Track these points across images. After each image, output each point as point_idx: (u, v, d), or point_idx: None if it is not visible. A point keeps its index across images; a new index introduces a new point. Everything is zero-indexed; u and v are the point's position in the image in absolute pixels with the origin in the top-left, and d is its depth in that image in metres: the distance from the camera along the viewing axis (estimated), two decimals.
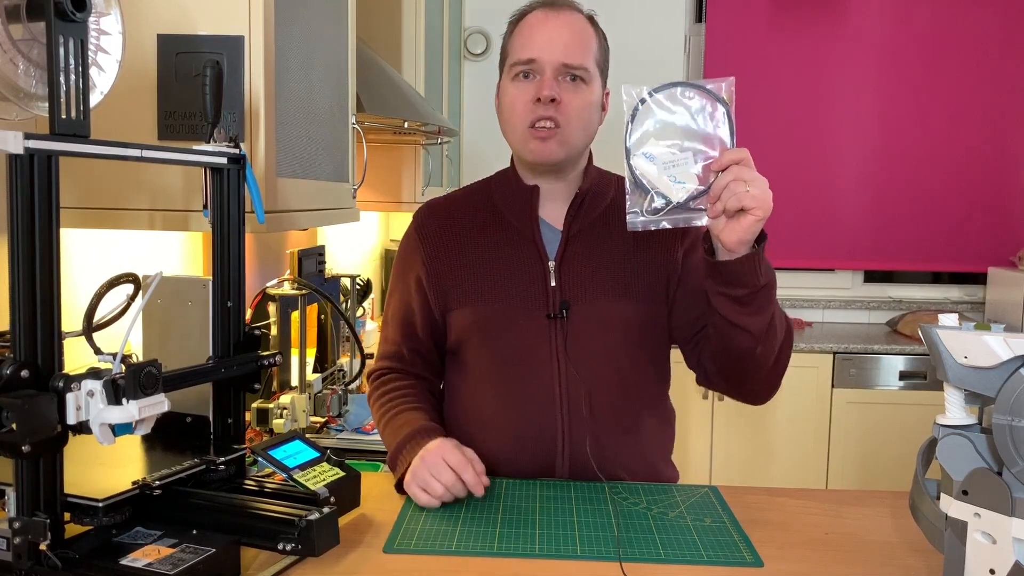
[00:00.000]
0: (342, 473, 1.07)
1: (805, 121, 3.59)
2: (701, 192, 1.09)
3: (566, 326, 1.27)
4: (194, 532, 0.92)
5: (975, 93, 3.53)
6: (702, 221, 1.11)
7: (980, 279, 3.65)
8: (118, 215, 1.24)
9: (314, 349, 1.97)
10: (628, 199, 1.11)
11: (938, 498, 0.88)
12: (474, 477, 1.15)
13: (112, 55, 0.98)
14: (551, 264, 1.29)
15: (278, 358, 1.12)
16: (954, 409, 0.86)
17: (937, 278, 3.75)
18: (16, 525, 0.82)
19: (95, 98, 0.94)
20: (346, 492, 1.07)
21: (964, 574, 0.83)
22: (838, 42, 3.56)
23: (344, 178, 1.68)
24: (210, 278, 1.06)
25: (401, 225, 3.36)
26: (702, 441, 3.19)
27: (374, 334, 2.55)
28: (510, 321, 1.28)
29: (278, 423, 1.64)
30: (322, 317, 1.98)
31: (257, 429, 1.64)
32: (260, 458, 1.03)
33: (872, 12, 3.54)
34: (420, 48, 2.63)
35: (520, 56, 1.24)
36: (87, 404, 0.82)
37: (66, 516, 0.87)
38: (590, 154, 1.37)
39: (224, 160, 1.04)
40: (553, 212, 1.32)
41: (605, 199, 1.33)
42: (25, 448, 0.79)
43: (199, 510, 0.96)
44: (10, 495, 0.83)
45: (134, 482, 0.92)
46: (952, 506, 0.84)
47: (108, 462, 0.99)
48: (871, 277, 3.77)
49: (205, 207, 1.06)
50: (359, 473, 1.10)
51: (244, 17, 1.22)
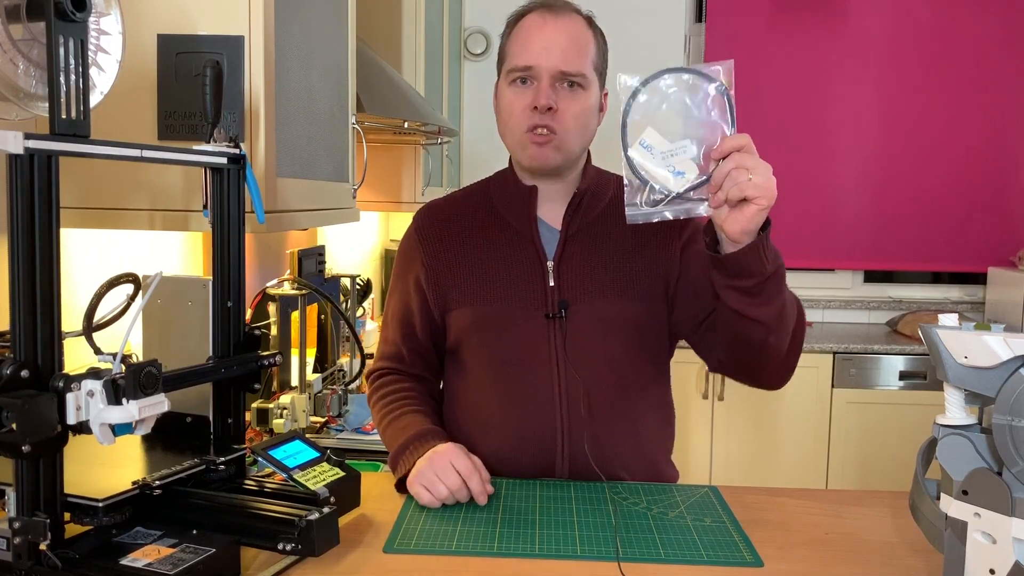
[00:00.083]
0: (342, 473, 1.07)
1: (805, 121, 3.59)
2: (702, 181, 1.04)
3: (565, 326, 1.27)
4: (194, 532, 0.92)
5: (975, 93, 3.53)
6: (703, 211, 1.06)
7: (980, 279, 3.65)
8: (118, 215, 1.24)
9: (314, 349, 1.97)
10: (626, 192, 1.07)
11: (938, 498, 0.88)
12: (480, 485, 1.15)
13: (112, 55, 0.98)
14: (549, 264, 1.29)
15: (278, 358, 1.12)
16: (954, 409, 0.86)
17: (937, 278, 3.75)
18: (16, 525, 0.82)
19: (95, 98, 0.94)
20: (346, 492, 1.07)
21: (964, 574, 0.83)
22: (838, 42, 3.56)
23: (344, 178, 1.68)
24: (210, 278, 1.06)
25: (401, 225, 3.36)
26: (702, 441, 3.19)
27: (374, 334, 2.55)
28: (509, 321, 1.28)
29: (278, 423, 1.64)
30: (322, 317, 1.98)
31: (257, 429, 1.64)
32: (260, 458, 1.03)
33: (872, 12, 3.53)
34: (420, 48, 2.62)
35: (517, 63, 1.24)
36: (87, 404, 0.82)
37: (66, 516, 0.87)
38: (588, 154, 1.36)
39: (224, 160, 1.04)
40: (551, 212, 1.32)
41: (603, 199, 1.33)
42: (25, 448, 0.79)
43: (199, 510, 0.96)
44: (10, 495, 0.83)
45: (134, 482, 0.92)
46: (952, 506, 0.84)
47: (108, 462, 0.99)
48: (871, 277, 3.77)
49: (205, 207, 1.06)
50: (359, 473, 1.10)
51: (244, 17, 1.22)
